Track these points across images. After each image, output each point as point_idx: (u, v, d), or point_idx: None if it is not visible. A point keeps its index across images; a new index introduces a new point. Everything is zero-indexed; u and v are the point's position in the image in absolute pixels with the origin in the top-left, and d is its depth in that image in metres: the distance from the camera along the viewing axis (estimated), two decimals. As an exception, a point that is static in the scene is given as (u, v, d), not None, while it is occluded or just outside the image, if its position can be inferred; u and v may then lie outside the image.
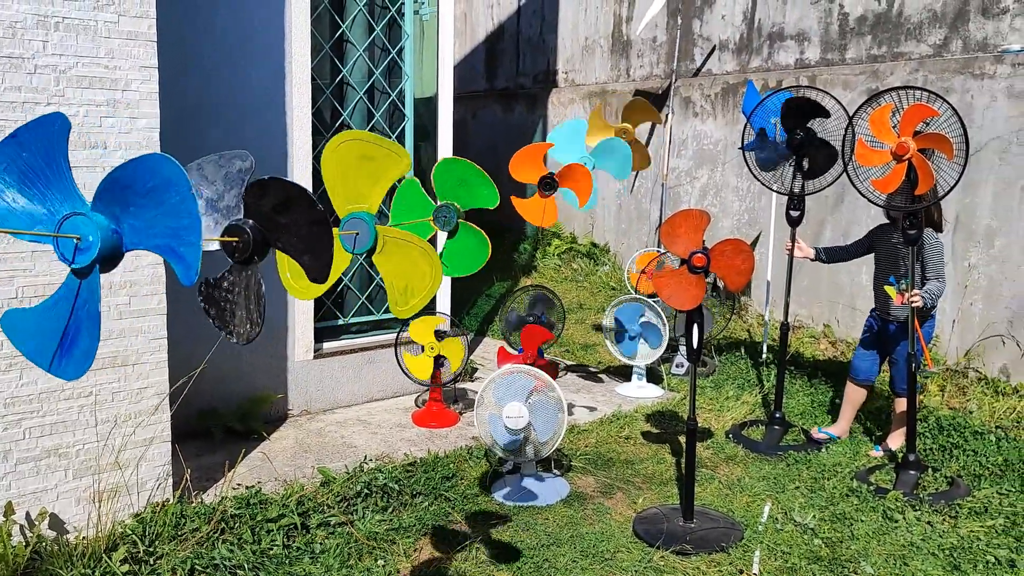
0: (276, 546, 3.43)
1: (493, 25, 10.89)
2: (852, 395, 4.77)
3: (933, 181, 3.92)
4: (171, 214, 1.34)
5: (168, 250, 1.35)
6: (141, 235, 1.37)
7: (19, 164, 1.40)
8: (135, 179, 1.37)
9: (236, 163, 1.67)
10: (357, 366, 5.36)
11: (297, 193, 1.62)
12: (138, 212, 1.36)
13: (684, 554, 3.52)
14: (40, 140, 1.41)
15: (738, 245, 3.50)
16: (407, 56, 5.54)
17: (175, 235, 1.34)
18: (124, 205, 1.38)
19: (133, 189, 1.36)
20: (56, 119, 1.41)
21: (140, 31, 3.38)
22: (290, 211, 1.65)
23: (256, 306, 1.63)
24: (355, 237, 2.08)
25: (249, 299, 1.64)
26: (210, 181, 1.67)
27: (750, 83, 5.83)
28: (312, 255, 1.67)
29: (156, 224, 1.35)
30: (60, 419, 3.35)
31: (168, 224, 1.34)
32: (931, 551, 3.56)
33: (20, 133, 1.41)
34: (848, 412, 4.80)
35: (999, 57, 5.39)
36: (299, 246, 1.67)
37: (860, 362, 4.70)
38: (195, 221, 1.32)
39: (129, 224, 1.37)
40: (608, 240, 8.93)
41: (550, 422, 3.92)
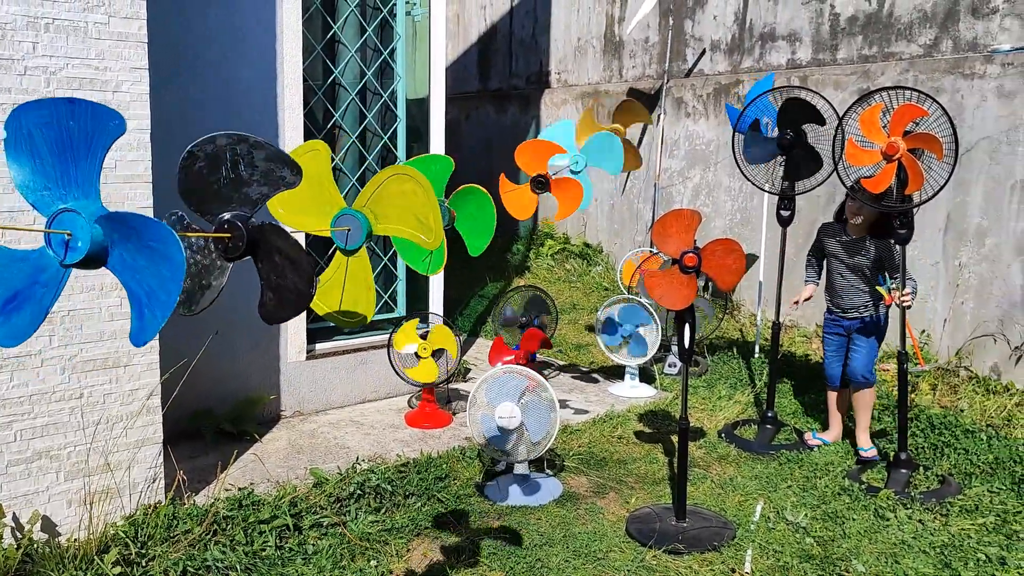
0: (269, 547, 3.42)
1: (486, 26, 10.89)
2: (834, 399, 4.76)
3: (923, 181, 3.93)
4: (156, 278, 1.35)
5: (136, 300, 1.36)
6: (125, 270, 1.38)
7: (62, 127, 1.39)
8: (145, 231, 1.37)
9: (285, 171, 1.67)
10: (350, 367, 5.35)
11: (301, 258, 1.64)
12: (133, 252, 1.37)
13: (676, 553, 3.52)
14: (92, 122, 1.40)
15: (729, 245, 3.51)
16: (399, 57, 5.54)
17: (149, 295, 1.35)
18: (124, 238, 1.38)
19: (138, 234, 1.37)
20: (116, 117, 1.40)
21: (131, 32, 3.38)
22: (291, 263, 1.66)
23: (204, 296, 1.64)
24: (347, 234, 2.07)
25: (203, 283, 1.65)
26: (254, 163, 1.66)
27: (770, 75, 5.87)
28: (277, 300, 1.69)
29: (141, 273, 1.36)
30: (51, 421, 3.34)
31: (149, 282, 1.35)
32: (922, 549, 3.57)
33: (78, 103, 1.40)
34: (835, 418, 4.78)
35: (989, 57, 5.42)
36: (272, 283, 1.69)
37: (833, 370, 4.68)
38: (171, 299, 1.34)
39: (119, 253, 1.38)
40: (601, 240, 8.94)
41: (543, 422, 3.92)
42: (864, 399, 4.53)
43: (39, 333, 3.27)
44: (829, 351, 4.68)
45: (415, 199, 2.01)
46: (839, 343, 4.61)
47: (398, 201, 2.02)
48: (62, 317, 3.32)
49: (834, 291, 4.58)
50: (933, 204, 5.45)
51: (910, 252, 5.52)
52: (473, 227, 2.70)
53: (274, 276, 1.70)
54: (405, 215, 2.02)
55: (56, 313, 3.30)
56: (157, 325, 1.36)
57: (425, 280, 5.78)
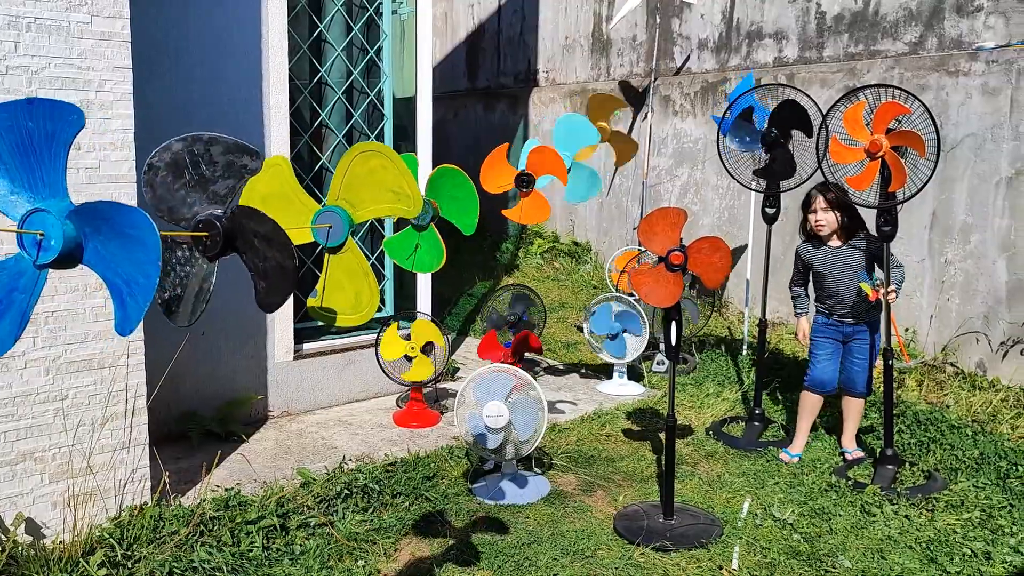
0: (255, 548, 3.41)
1: (474, 24, 10.88)
2: (813, 406, 4.57)
3: (906, 178, 3.95)
4: (132, 265, 1.33)
5: (116, 291, 1.35)
6: (101, 262, 1.36)
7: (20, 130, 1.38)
8: (116, 218, 1.36)
9: (245, 158, 1.67)
10: (338, 367, 5.34)
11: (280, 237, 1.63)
12: (106, 243, 1.36)
13: (664, 550, 3.53)
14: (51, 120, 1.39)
15: (715, 243, 3.52)
16: (385, 56, 5.53)
17: (128, 283, 1.34)
18: (96, 230, 1.37)
19: (111, 224, 1.36)
20: (75, 111, 1.39)
21: (114, 31, 3.36)
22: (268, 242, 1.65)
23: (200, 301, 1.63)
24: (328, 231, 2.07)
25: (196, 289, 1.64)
26: (212, 160, 1.66)
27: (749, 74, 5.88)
28: (268, 285, 1.68)
29: (117, 263, 1.35)
30: (35, 423, 3.32)
31: (126, 270, 1.34)
32: (908, 544, 3.59)
33: (36, 103, 1.38)
34: (805, 425, 4.58)
35: (973, 55, 5.44)
36: (260, 269, 1.68)
37: (822, 373, 4.47)
38: (150, 285, 1.32)
39: (93, 247, 1.37)
40: (589, 239, 8.95)
41: (530, 420, 3.92)
42: (859, 407, 4.49)
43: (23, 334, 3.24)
44: (822, 355, 4.48)
45: (386, 173, 2.00)
46: (834, 348, 4.45)
47: (370, 180, 2.01)
48: (46, 318, 3.30)
49: (835, 300, 4.39)
50: (919, 201, 5.48)
51: (896, 249, 5.54)
52: (457, 207, 2.70)
53: (258, 261, 1.69)
54: (379, 193, 2.01)
55: (40, 314, 3.28)
56: (140, 311, 1.34)
57: (413, 279, 5.77)
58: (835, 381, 4.49)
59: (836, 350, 4.47)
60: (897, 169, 3.93)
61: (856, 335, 4.40)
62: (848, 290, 4.35)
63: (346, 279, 2.08)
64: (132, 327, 1.35)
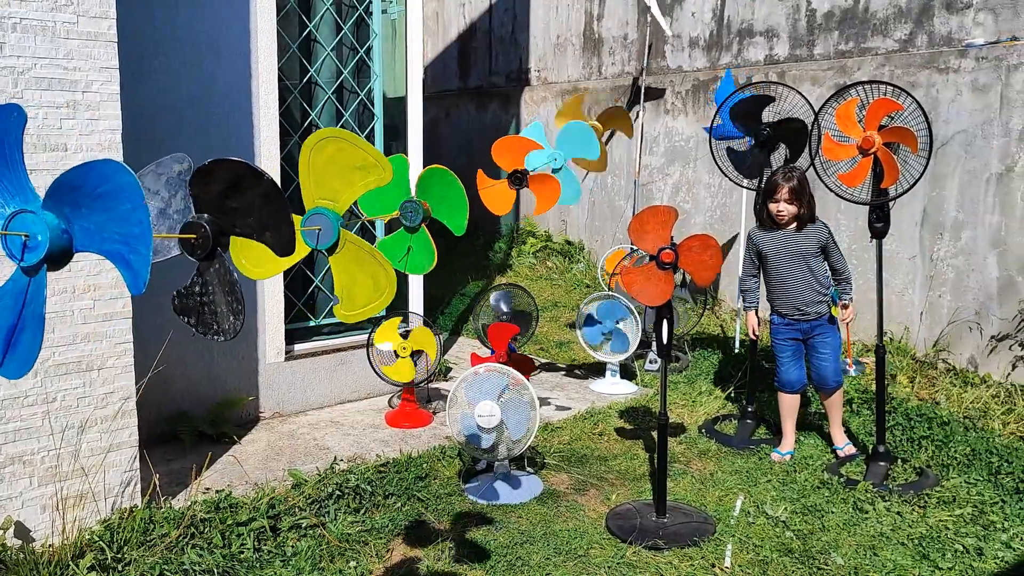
0: (247, 550, 3.40)
1: (465, 24, 10.87)
2: (791, 406, 4.56)
3: (898, 174, 3.95)
4: (121, 221, 1.31)
5: (118, 256, 1.33)
6: (91, 238, 1.35)
7: None
8: (85, 182, 1.34)
9: (174, 167, 1.66)
10: (329, 367, 5.33)
11: (243, 170, 1.59)
12: (89, 215, 1.34)
13: (657, 549, 3.53)
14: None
15: (705, 240, 3.52)
16: (375, 55, 5.52)
17: (125, 242, 1.31)
18: (75, 206, 1.35)
19: (83, 192, 1.34)
20: (12, 109, 1.37)
21: (100, 32, 3.34)
22: (240, 191, 1.62)
23: (233, 296, 1.61)
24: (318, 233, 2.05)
25: (225, 291, 1.62)
26: (153, 192, 1.65)
27: (728, 72, 5.87)
28: (272, 231, 1.65)
29: (106, 229, 1.33)
30: (24, 426, 3.30)
31: (118, 231, 1.31)
32: (900, 541, 3.59)
33: None
34: (790, 424, 4.58)
35: (963, 51, 5.45)
36: (257, 225, 1.65)
37: (788, 374, 4.48)
38: (145, 230, 1.30)
39: (80, 226, 1.35)
40: (582, 237, 8.94)
41: (522, 420, 3.91)
42: (837, 400, 4.48)
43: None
44: (784, 356, 4.47)
45: (345, 154, 1.98)
46: (795, 347, 4.45)
47: (334, 168, 2.00)
48: (33, 320, 3.27)
49: (785, 294, 4.38)
50: (909, 198, 5.49)
51: (887, 246, 5.55)
52: (447, 207, 2.68)
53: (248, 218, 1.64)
54: (347, 174, 1.99)
55: (27, 316, 3.26)
56: (147, 262, 1.31)
57: (405, 279, 5.75)
58: (803, 378, 4.51)
59: (798, 349, 4.47)
60: (890, 166, 3.93)
61: (815, 331, 4.39)
62: (795, 280, 4.34)
63: (357, 269, 2.07)
64: (144, 281, 1.32)
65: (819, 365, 4.42)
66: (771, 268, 4.44)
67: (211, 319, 1.71)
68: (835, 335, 4.41)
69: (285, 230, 1.62)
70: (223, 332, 1.71)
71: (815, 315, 4.36)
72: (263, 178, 1.56)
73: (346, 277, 2.08)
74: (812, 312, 4.36)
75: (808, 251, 4.33)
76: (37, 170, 3.16)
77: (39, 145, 3.22)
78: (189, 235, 1.62)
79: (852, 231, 6.11)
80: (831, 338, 4.39)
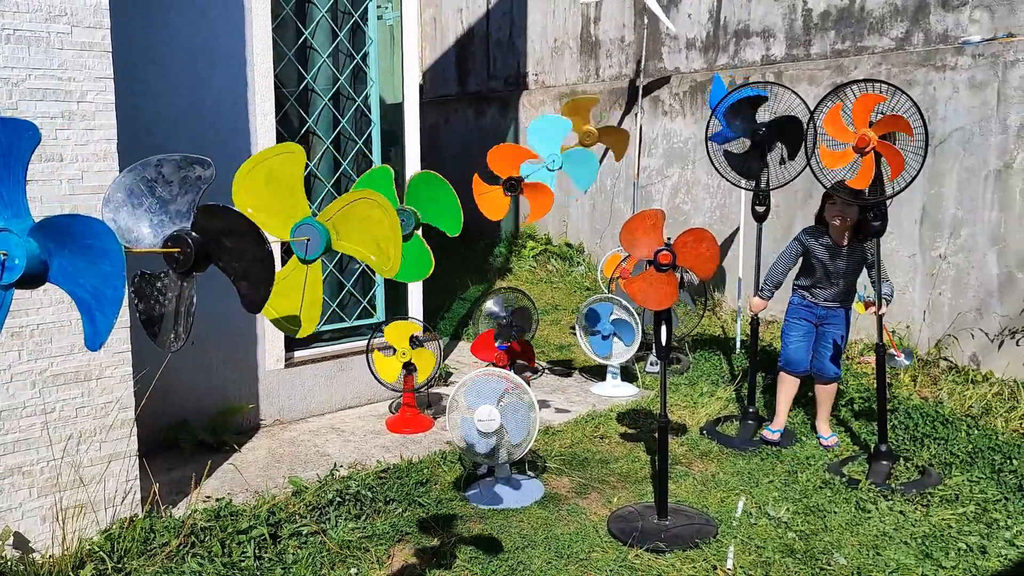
0: (247, 558, 3.39)
1: (463, 29, 10.88)
2: (789, 387, 4.67)
3: (903, 162, 3.88)
4: (98, 278, 1.32)
5: (85, 306, 1.34)
6: (67, 278, 1.35)
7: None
8: (76, 231, 1.35)
9: (196, 169, 1.65)
10: (329, 374, 5.32)
11: (247, 227, 1.62)
12: (71, 257, 1.34)
13: (659, 552, 3.51)
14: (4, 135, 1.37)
15: (699, 234, 3.50)
16: (372, 61, 5.52)
17: (95, 297, 1.32)
18: (60, 245, 1.36)
19: (72, 238, 1.34)
20: (29, 127, 1.38)
21: (94, 42, 3.34)
22: (239, 237, 1.64)
23: (184, 321, 1.61)
24: (306, 243, 2.05)
25: (179, 311, 1.62)
26: (166, 180, 1.65)
27: (716, 76, 5.86)
28: (249, 283, 1.66)
29: (83, 276, 1.34)
30: (23, 437, 3.30)
31: (93, 283, 1.32)
32: (903, 540, 3.58)
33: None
34: (784, 404, 4.69)
35: (960, 49, 5.45)
36: (239, 271, 1.66)
37: (796, 354, 4.58)
38: (117, 294, 1.31)
39: (59, 263, 1.36)
40: (582, 240, 8.94)
41: (522, 424, 3.90)
42: (831, 392, 4.61)
43: (8, 348, 3.23)
44: (795, 336, 4.57)
45: (380, 227, 1.99)
46: (807, 329, 4.56)
47: (362, 225, 2.00)
48: (31, 331, 3.27)
49: (816, 285, 4.51)
50: (909, 196, 5.48)
51: (887, 244, 5.54)
52: (437, 210, 2.67)
53: (235, 262, 1.67)
54: (366, 239, 2.00)
55: (25, 327, 3.26)
56: (109, 324, 1.33)
57: (404, 285, 5.75)
58: (807, 362, 4.59)
59: (808, 331, 4.57)
60: (892, 155, 3.87)
61: (828, 320, 4.50)
62: (836, 284, 4.46)
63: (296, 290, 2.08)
64: (102, 341, 1.33)
65: (822, 355, 4.53)
66: (812, 269, 4.52)
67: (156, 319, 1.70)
68: (844, 329, 4.53)
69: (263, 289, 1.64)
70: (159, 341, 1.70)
71: (838, 306, 4.49)
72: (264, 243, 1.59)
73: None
74: (836, 304, 4.49)
75: (854, 268, 4.44)
76: (32, 180, 3.16)
77: (34, 155, 3.21)
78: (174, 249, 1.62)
79: (851, 230, 6.09)
80: (840, 331, 4.51)
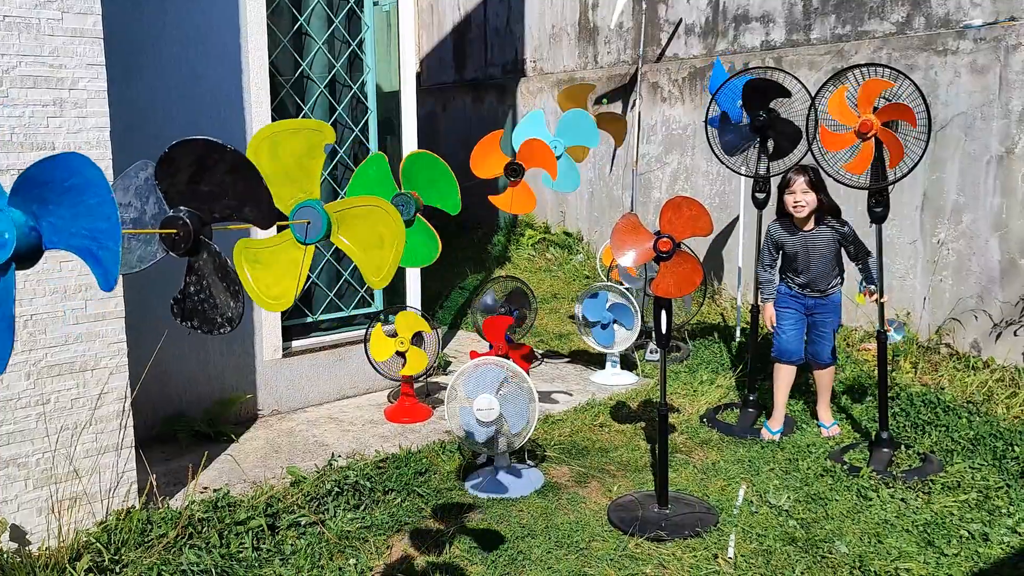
0: (245, 549, 3.37)
1: (460, 16, 10.81)
2: (786, 378, 4.60)
3: (903, 152, 3.86)
4: (89, 215, 1.27)
5: (87, 252, 1.29)
6: (59, 234, 1.31)
7: None
8: (52, 177, 1.30)
9: (140, 175, 1.62)
10: (328, 364, 5.29)
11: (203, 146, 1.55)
12: (56, 210, 1.30)
13: (659, 540, 3.49)
14: None
15: (674, 203, 3.47)
16: (368, 48, 5.47)
17: (93, 238, 1.28)
18: (42, 202, 1.31)
19: (50, 187, 1.30)
20: None
21: (85, 28, 3.29)
22: (207, 171, 1.58)
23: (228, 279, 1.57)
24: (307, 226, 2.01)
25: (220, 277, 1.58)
26: (125, 204, 1.62)
27: (717, 61, 5.82)
28: (251, 204, 1.61)
29: (75, 224, 1.29)
30: (17, 428, 3.27)
31: (86, 225, 1.28)
32: (905, 528, 3.56)
33: None
34: (782, 398, 4.62)
35: (961, 33, 5.40)
36: (235, 203, 1.61)
37: (788, 344, 4.53)
38: (114, 226, 1.26)
39: (47, 222, 1.31)
40: (581, 228, 8.90)
41: (522, 413, 3.88)
42: (829, 377, 4.61)
43: (1, 339, 3.19)
44: (786, 324, 4.54)
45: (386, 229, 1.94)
46: (797, 317, 4.53)
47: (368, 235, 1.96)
48: (25, 321, 3.24)
49: (800, 276, 4.47)
50: (910, 182, 5.44)
51: (888, 231, 5.51)
52: (437, 192, 2.63)
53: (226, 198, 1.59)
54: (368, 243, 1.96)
55: (19, 318, 3.23)
56: (116, 258, 1.28)
57: (402, 273, 5.72)
58: (801, 351, 4.57)
59: (800, 320, 4.55)
60: (893, 144, 3.85)
61: (818, 309, 4.49)
62: (817, 271, 4.43)
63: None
64: (114, 277, 1.28)
65: (817, 341, 4.53)
66: (790, 259, 4.52)
67: (213, 313, 1.67)
68: (836, 315, 4.51)
69: (264, 200, 1.58)
70: (228, 322, 1.67)
71: (821, 294, 4.46)
72: (227, 151, 1.52)
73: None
74: (820, 291, 4.46)
75: (826, 250, 4.40)
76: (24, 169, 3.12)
77: (26, 144, 3.18)
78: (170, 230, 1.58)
79: (852, 217, 6.03)
80: (832, 318, 4.49)
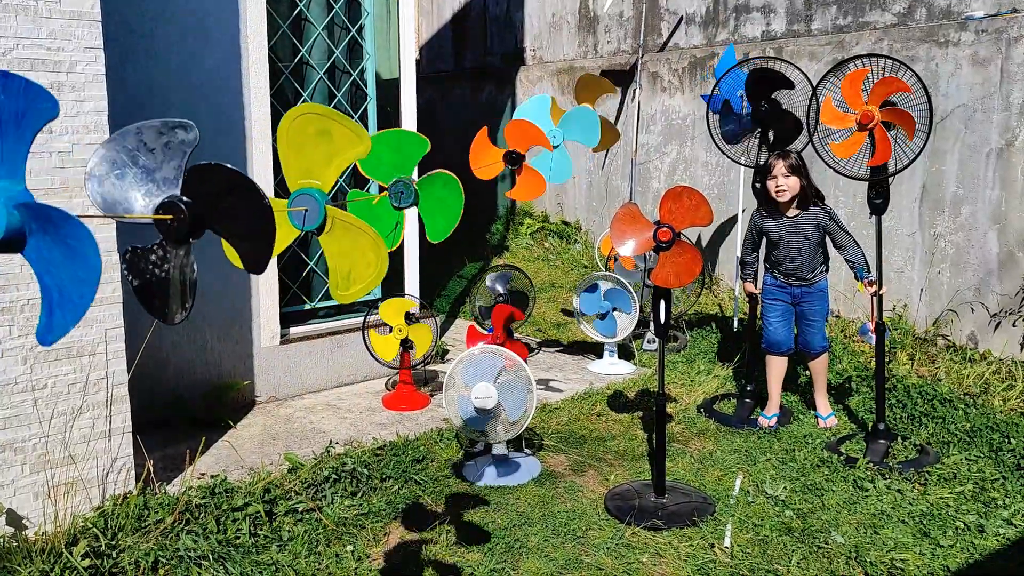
0: (242, 535, 3.37)
1: (460, 3, 10.75)
2: (778, 368, 4.65)
3: (889, 155, 3.91)
4: (71, 278, 1.28)
5: (47, 294, 1.29)
6: (40, 260, 1.30)
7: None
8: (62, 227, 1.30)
9: (179, 133, 1.58)
10: (325, 351, 5.29)
11: (242, 182, 1.54)
12: (50, 244, 1.29)
13: (656, 529, 3.50)
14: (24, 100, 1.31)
15: (673, 192, 3.51)
16: (368, 35, 5.44)
17: (60, 293, 1.28)
18: (41, 229, 1.31)
19: (56, 228, 1.29)
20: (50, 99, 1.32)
21: (83, 11, 3.27)
22: (233, 196, 1.57)
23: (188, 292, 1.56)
24: (304, 214, 2.01)
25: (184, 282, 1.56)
26: (148, 148, 1.58)
27: (730, 46, 5.81)
28: (252, 243, 1.60)
29: (54, 266, 1.29)
30: (14, 413, 3.26)
31: (63, 279, 1.28)
32: (901, 519, 3.57)
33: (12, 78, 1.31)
34: (776, 387, 4.67)
35: (963, 24, 5.38)
36: (239, 232, 1.60)
37: (777, 335, 4.57)
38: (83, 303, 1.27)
39: (35, 243, 1.30)
40: (579, 218, 8.88)
41: (519, 401, 3.88)
42: (822, 365, 4.62)
43: (-1, 323, 3.18)
44: (773, 316, 4.57)
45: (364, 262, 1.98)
46: (784, 308, 4.55)
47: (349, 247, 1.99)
48: (22, 306, 3.23)
49: (783, 265, 4.49)
50: (909, 174, 5.43)
51: (886, 223, 5.50)
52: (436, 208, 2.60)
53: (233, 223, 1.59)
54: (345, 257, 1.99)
55: (15, 302, 3.22)
56: (66, 328, 1.29)
57: (401, 261, 5.71)
58: (791, 341, 4.61)
59: (787, 311, 4.57)
60: (883, 143, 3.86)
61: (804, 298, 4.50)
62: (801, 258, 4.44)
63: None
64: (54, 340, 1.29)
65: (806, 330, 4.55)
66: (773, 246, 4.54)
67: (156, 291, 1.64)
68: (823, 303, 4.53)
69: (265, 248, 1.57)
70: (163, 316, 1.64)
71: (807, 282, 4.47)
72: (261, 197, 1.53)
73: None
74: (805, 280, 4.47)
75: (810, 236, 4.40)
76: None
77: (23, 127, 3.15)
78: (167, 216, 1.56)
79: (850, 207, 6.06)
80: (820, 306, 4.51)
